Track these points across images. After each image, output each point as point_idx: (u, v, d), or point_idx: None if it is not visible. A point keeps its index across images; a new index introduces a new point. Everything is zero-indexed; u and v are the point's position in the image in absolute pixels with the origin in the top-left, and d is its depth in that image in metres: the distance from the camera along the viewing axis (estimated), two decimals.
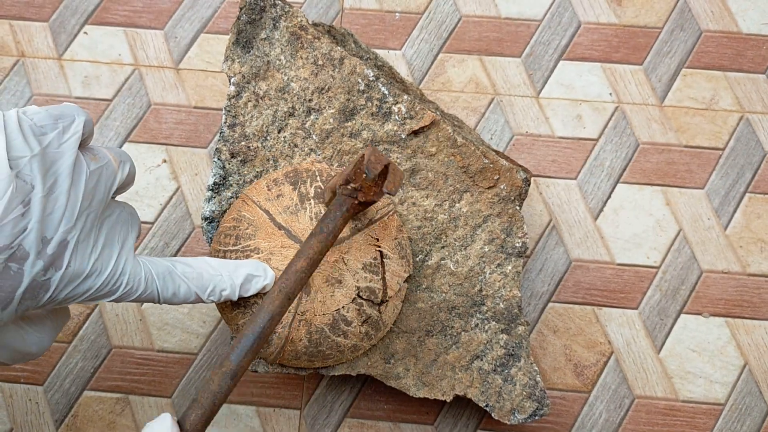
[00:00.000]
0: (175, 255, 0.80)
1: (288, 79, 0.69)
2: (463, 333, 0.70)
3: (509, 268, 0.70)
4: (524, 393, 0.70)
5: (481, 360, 0.70)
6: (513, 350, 0.70)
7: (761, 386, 0.77)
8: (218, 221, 0.68)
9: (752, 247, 0.79)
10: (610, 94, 0.82)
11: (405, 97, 0.68)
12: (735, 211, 0.80)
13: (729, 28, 0.84)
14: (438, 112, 0.74)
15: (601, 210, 0.80)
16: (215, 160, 0.68)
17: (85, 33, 0.85)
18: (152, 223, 0.80)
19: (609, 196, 0.81)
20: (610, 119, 0.82)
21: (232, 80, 0.69)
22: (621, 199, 0.80)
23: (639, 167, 0.81)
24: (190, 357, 0.78)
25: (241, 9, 0.68)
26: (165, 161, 0.81)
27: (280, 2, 0.69)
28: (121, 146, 0.82)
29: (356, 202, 0.60)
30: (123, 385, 0.77)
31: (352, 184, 0.60)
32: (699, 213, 0.80)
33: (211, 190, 0.68)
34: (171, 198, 0.81)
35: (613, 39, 0.84)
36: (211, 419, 0.53)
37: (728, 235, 0.80)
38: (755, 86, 0.82)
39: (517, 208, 0.71)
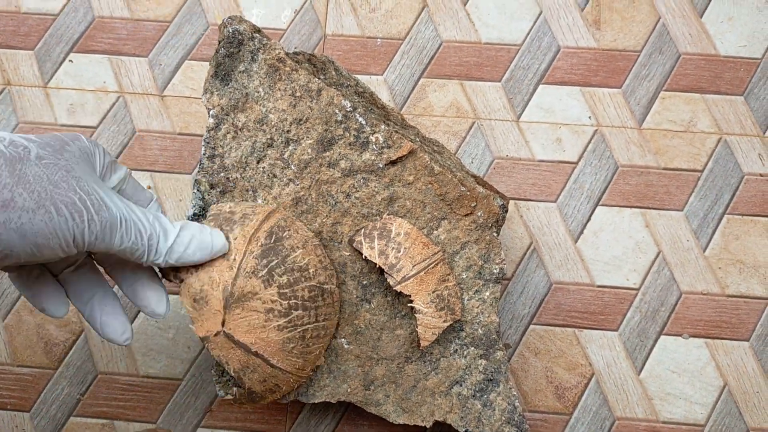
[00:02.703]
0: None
1: (266, 110, 0.70)
2: (442, 359, 0.71)
3: (487, 294, 0.71)
4: (503, 418, 0.71)
5: (461, 386, 0.71)
6: (492, 375, 0.71)
7: (741, 406, 0.77)
8: None
9: (731, 269, 0.80)
10: (590, 117, 0.83)
11: (382, 126, 0.69)
12: (714, 232, 0.81)
13: (707, 50, 0.84)
14: (418, 138, 0.75)
15: (581, 232, 0.81)
16: (195, 191, 0.69)
17: (71, 61, 0.86)
18: None
19: (589, 219, 0.81)
20: (589, 142, 0.83)
21: (211, 112, 0.70)
22: (601, 222, 0.81)
23: (618, 189, 0.82)
24: (175, 382, 0.79)
25: (219, 42, 0.69)
26: (150, 188, 0.82)
27: (257, 35, 0.69)
28: None
29: None
30: (108, 411, 0.79)
31: None
32: (678, 235, 0.81)
33: (192, 220, 0.69)
34: None
35: (592, 63, 0.84)
36: None
37: (707, 256, 0.80)
38: (733, 108, 0.83)
39: (495, 234, 0.71)
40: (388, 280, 0.68)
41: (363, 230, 0.69)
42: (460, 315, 0.70)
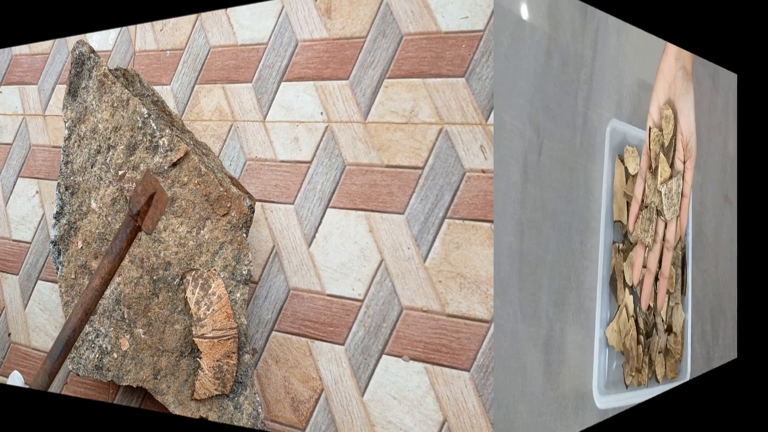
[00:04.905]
0: (42, 267, 0.98)
1: (97, 120, 0.82)
2: None
3: (238, 295, 0.73)
4: (249, 422, 0.72)
5: None
6: (240, 378, 0.73)
7: None
8: (59, 246, 0.84)
9: (451, 283, 0.67)
10: (321, 113, 0.76)
11: (167, 131, 0.76)
12: (434, 239, 0.69)
13: (428, 27, 0.71)
14: (192, 143, 0.79)
15: (314, 236, 0.76)
16: (57, 192, 0.84)
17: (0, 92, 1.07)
18: (29, 243, 0.99)
19: (320, 222, 0.76)
20: (321, 140, 0.76)
21: (66, 125, 0.84)
22: (331, 225, 0.75)
23: (345, 190, 0.74)
24: None
25: (72, 64, 0.83)
26: (38, 192, 1.00)
27: (93, 55, 0.82)
28: (15, 183, 1.02)
29: (137, 224, 0.66)
30: None
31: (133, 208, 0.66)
32: (399, 241, 0.71)
33: (55, 218, 0.84)
34: (39, 223, 0.99)
35: (324, 54, 0.77)
36: None
37: (427, 267, 0.69)
38: (454, 93, 0.68)
39: (244, 235, 0.73)
40: (192, 327, 0.74)
41: (197, 272, 0.75)
42: (228, 391, 0.73)
